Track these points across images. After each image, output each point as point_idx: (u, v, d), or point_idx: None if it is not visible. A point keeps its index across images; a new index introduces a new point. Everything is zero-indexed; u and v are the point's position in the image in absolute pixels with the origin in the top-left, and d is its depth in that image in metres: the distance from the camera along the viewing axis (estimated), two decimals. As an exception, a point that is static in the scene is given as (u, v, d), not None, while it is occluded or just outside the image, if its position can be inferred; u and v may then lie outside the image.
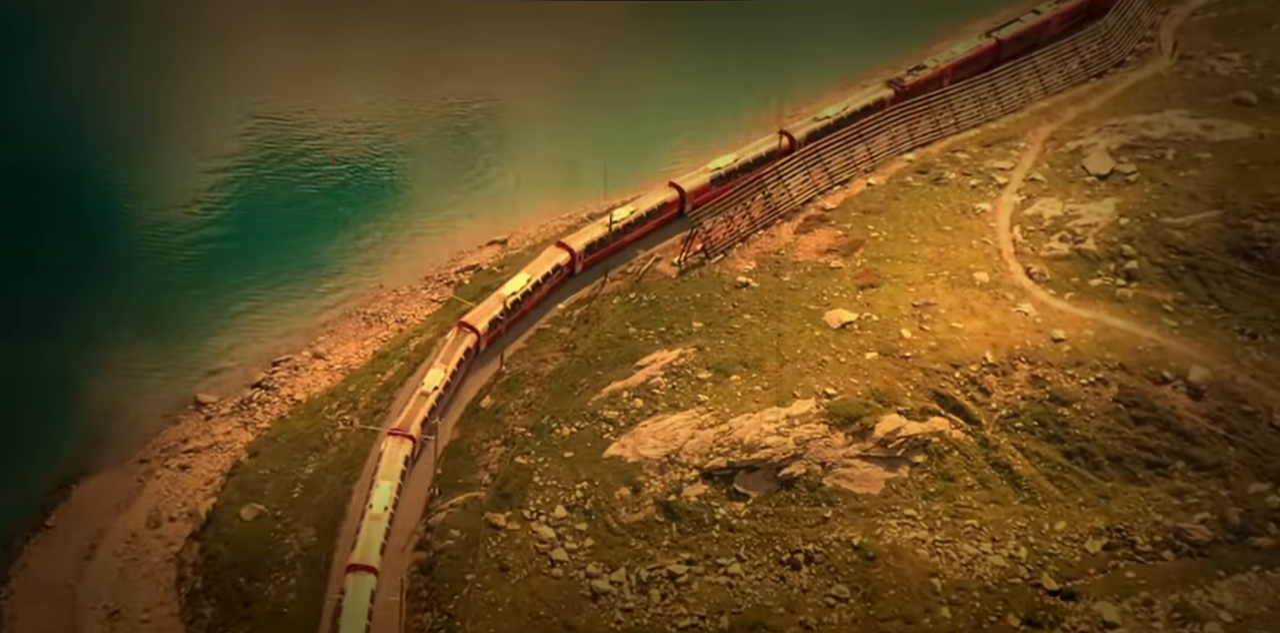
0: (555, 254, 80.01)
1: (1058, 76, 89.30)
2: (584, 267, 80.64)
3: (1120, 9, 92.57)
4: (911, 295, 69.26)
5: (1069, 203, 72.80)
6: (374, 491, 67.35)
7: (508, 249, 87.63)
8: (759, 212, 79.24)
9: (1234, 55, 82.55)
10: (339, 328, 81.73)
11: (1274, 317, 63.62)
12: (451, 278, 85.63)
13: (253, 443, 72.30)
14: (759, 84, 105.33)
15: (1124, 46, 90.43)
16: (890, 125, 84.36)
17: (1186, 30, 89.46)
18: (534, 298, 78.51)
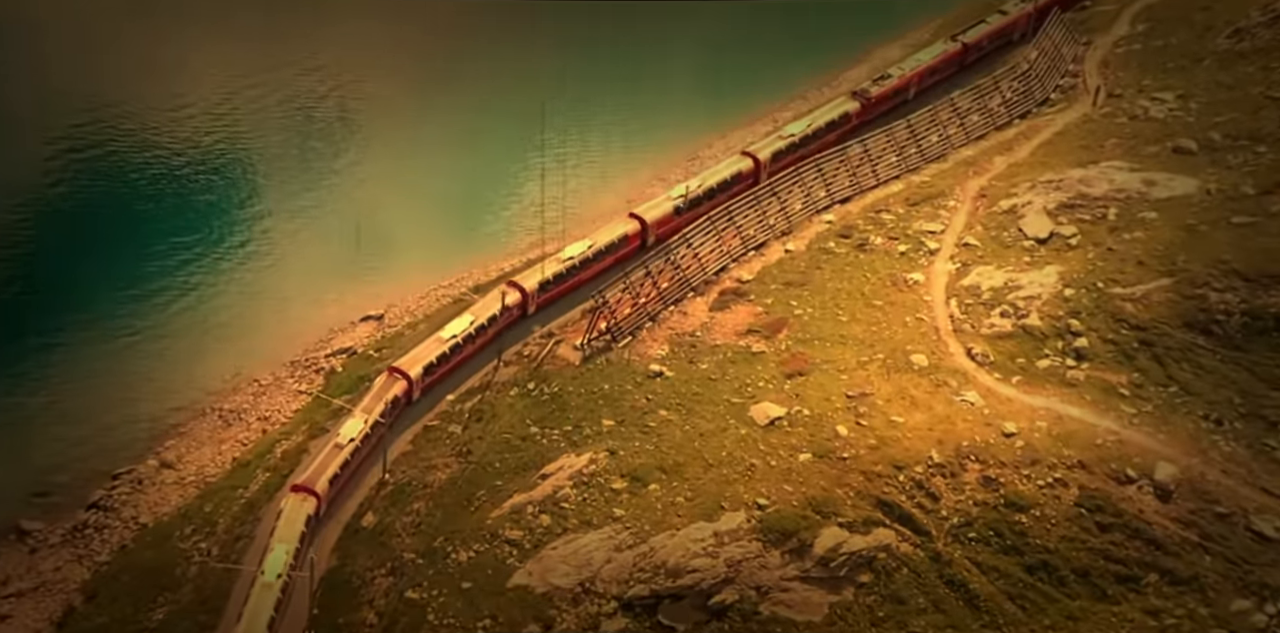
0: (504, 293, 75.33)
1: (979, 118, 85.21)
2: (538, 307, 76.14)
3: (1040, 43, 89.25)
4: (844, 384, 64.22)
5: (1008, 271, 68.52)
6: (268, 555, 60.78)
7: (385, 326, 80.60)
8: (667, 283, 73.75)
9: (1166, 95, 79.36)
10: (191, 429, 73.60)
11: (1239, 400, 60.02)
12: (321, 363, 77.95)
13: (89, 582, 64.15)
14: (690, 93, 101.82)
15: (1047, 83, 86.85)
16: (805, 179, 79.83)
17: (1111, 64, 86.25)
18: (479, 342, 73.55)
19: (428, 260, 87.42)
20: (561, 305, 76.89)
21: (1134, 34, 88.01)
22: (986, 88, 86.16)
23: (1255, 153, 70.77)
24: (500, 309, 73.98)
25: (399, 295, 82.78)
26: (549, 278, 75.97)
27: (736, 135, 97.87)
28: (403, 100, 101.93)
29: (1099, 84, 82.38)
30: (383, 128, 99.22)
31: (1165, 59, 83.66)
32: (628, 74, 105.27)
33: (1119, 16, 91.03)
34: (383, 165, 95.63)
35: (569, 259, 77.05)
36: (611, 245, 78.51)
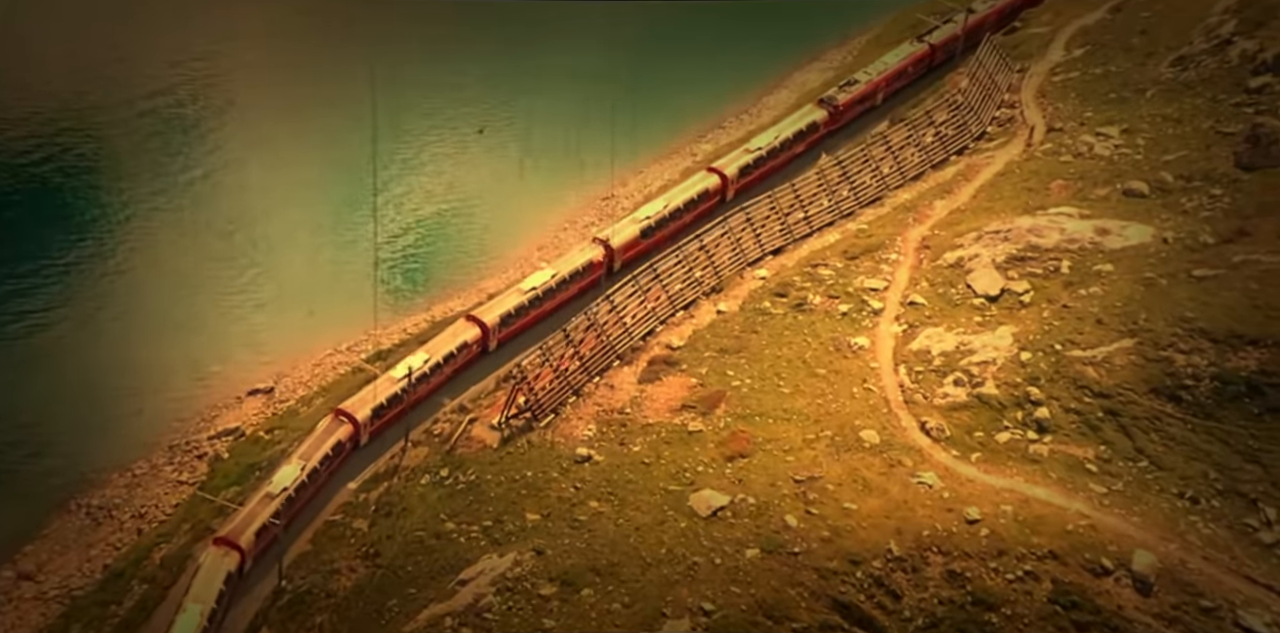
0: (463, 329, 72.02)
1: (914, 155, 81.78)
2: (499, 343, 73.20)
3: (973, 70, 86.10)
4: (791, 466, 60.08)
5: (958, 333, 64.97)
6: (179, 615, 56.90)
7: (275, 402, 74.76)
8: (590, 350, 69.11)
9: (1111, 130, 76.54)
10: (54, 529, 66.83)
11: (1214, 474, 57.10)
12: (204, 448, 71.84)
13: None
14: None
15: (983, 116, 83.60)
16: (733, 228, 75.24)
17: (1049, 94, 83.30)
18: (434, 382, 70.40)
19: (324, 319, 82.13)
20: (479, 371, 72.53)
21: (1070, 60, 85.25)
22: (919, 122, 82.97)
23: (1210, 195, 68.25)
24: (459, 346, 71.07)
25: (290, 363, 77.01)
26: (510, 311, 72.97)
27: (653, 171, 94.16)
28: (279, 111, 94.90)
29: (1032, 126, 79.52)
30: (266, 149, 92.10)
31: (1106, 88, 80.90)
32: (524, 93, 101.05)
33: (1053, 40, 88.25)
34: (260, 198, 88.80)
35: (530, 290, 74.03)
36: (576, 273, 75.93)
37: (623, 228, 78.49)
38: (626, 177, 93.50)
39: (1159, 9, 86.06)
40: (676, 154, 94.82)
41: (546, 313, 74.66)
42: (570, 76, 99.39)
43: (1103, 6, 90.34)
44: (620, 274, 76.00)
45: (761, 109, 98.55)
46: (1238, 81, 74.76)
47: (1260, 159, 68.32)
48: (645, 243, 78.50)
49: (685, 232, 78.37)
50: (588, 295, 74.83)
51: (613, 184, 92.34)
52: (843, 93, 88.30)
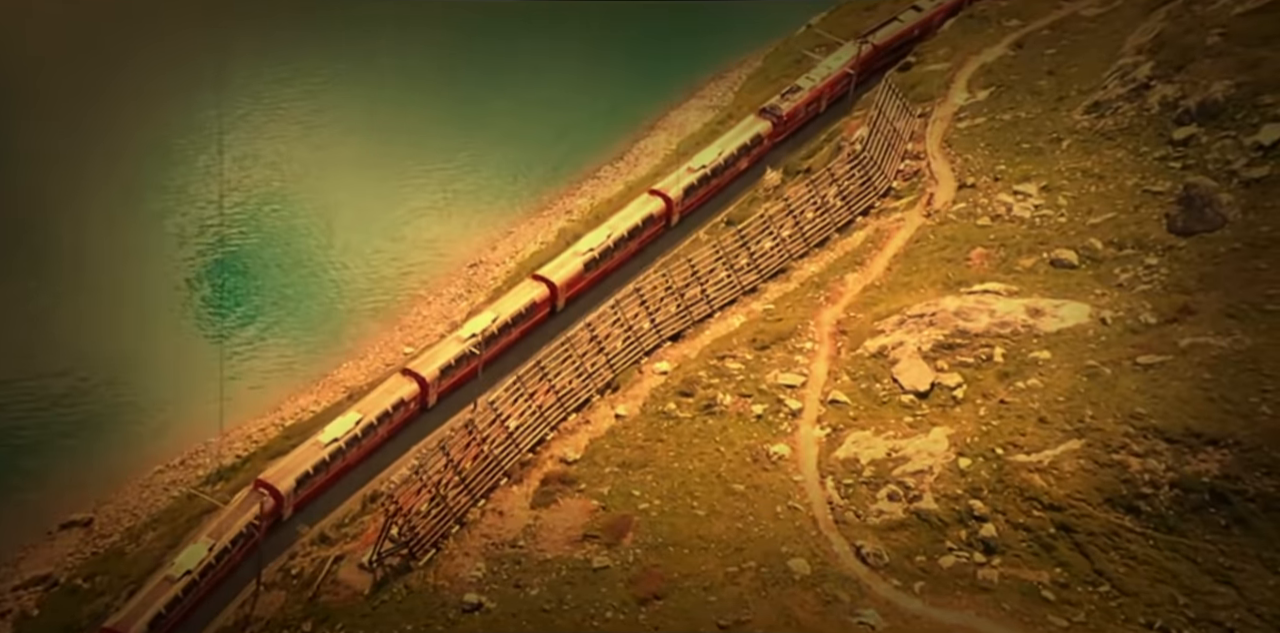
0: (399, 385, 68.18)
1: (815, 216, 76.63)
2: (438, 397, 69.67)
3: (872, 119, 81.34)
4: (714, 609, 53.95)
5: (888, 437, 59.86)
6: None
7: (96, 537, 66.30)
8: (471, 465, 62.31)
9: (1029, 187, 72.38)
10: None
11: (1184, 599, 52.67)
12: (7, 601, 62.30)
13: None
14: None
15: (887, 169, 78.74)
16: (625, 310, 68.91)
17: (955, 144, 78.84)
18: (365, 446, 66.58)
19: (153, 424, 73.51)
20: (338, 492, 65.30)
21: (975, 104, 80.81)
22: (820, 178, 77.90)
23: (1146, 266, 64.39)
24: (394, 404, 67.24)
25: (111, 486, 68.43)
26: (451, 362, 69.51)
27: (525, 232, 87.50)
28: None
29: (930, 194, 74.40)
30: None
31: (1017, 137, 76.44)
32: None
33: (953, 80, 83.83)
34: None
35: (471, 337, 70.48)
36: (518, 316, 72.49)
37: (566, 261, 75.72)
38: (495, 239, 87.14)
39: (1064, 46, 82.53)
40: (549, 211, 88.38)
41: (488, 361, 71.42)
42: (421, 131, 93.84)
43: (1002, 41, 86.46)
44: (566, 313, 74.44)
45: (638, 155, 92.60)
46: (1161, 131, 71.19)
47: (1195, 223, 64.79)
48: (590, 276, 76.20)
49: (631, 261, 77.46)
50: (533, 338, 72.88)
51: (479, 249, 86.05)
52: (786, 101, 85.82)
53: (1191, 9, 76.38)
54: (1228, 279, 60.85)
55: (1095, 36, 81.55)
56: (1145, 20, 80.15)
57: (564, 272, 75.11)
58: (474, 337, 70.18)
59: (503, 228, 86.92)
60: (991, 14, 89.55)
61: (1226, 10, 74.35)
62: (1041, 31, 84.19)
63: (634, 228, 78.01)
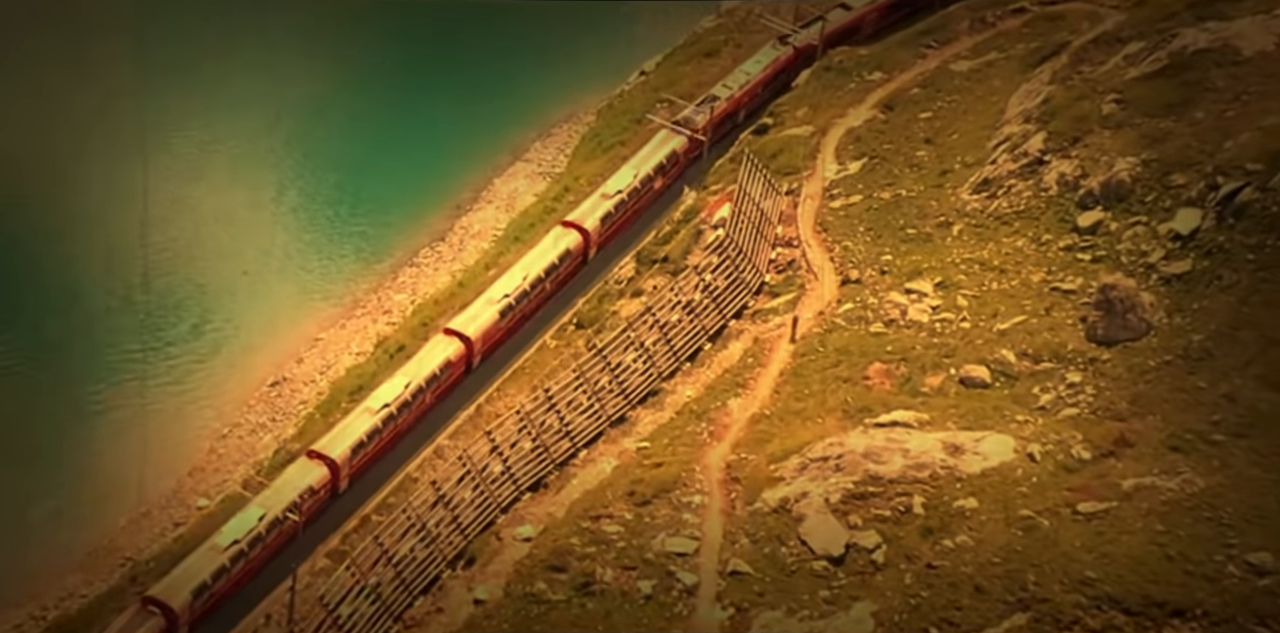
0: (307, 468, 63.14)
1: (681, 322, 68.47)
2: (349, 480, 64.74)
3: (734, 199, 74.40)
4: None
5: (804, 618, 52.12)
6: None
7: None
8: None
9: (923, 284, 66.21)
10: None
11: None
12: None
13: None
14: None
15: (757, 260, 71.54)
16: (470, 450, 60.73)
17: (831, 228, 72.11)
18: (258, 554, 61.23)
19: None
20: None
21: (848, 177, 74.37)
22: (681, 273, 70.41)
23: (1069, 384, 58.71)
24: (303, 492, 61.91)
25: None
26: (362, 438, 64.60)
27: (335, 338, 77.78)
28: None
29: (796, 317, 65.94)
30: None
31: (900, 220, 70.04)
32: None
33: (819, 149, 76.89)
34: None
35: (383, 408, 65.74)
36: (433, 378, 68.06)
37: (480, 310, 71.10)
38: (298, 349, 77.26)
39: (939, 109, 76.79)
40: (362, 310, 78.36)
41: (403, 432, 67.02)
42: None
43: (867, 100, 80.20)
44: (482, 370, 70.63)
45: (462, 236, 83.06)
46: (1063, 216, 65.77)
47: (1118, 331, 59.58)
48: (507, 325, 72.03)
49: (548, 303, 74.19)
50: (449, 402, 69.19)
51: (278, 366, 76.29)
52: (701, 114, 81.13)
53: (1079, 70, 71.50)
54: (1164, 401, 55.67)
55: (972, 97, 76.03)
56: (1026, 79, 75.05)
57: (479, 323, 70.28)
58: (385, 407, 65.69)
59: (308, 334, 77.71)
60: (850, 65, 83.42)
61: (1119, 73, 69.61)
62: (911, 90, 78.26)
63: (550, 267, 73.50)
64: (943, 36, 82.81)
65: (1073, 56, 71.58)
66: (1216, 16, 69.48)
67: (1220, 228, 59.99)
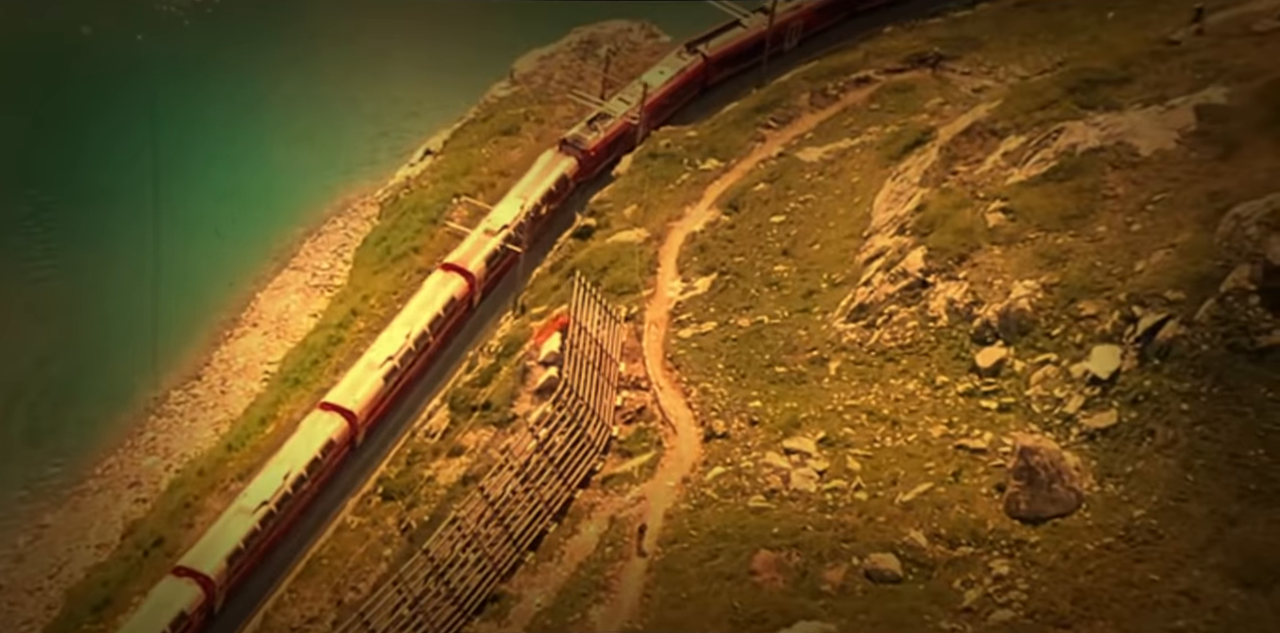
0: (179, 588, 59.19)
1: (517, 496, 58.92)
2: (226, 598, 61.22)
3: (569, 330, 65.38)
4: None
5: None
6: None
7: None
8: None
9: (803, 441, 57.71)
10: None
11: None
12: None
13: None
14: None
15: (601, 409, 62.35)
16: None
17: (685, 364, 63.03)
18: None
19: None
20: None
21: (696, 298, 65.75)
22: (511, 429, 61.73)
23: (995, 577, 49.04)
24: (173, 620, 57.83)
25: None
26: (239, 546, 60.79)
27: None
28: None
29: (643, 526, 57.23)
30: None
31: (767, 355, 61.72)
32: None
33: (658, 260, 68.59)
34: None
35: (260, 505, 62.15)
36: (314, 465, 64.01)
37: (362, 375, 67.34)
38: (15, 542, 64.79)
39: (793, 210, 69.65)
40: (96, 481, 66.54)
41: (283, 533, 63.69)
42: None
43: (706, 196, 72.48)
44: (366, 446, 67.00)
45: (225, 374, 71.96)
46: (958, 352, 58.83)
47: (1044, 504, 52.88)
48: (392, 391, 68.67)
49: (435, 360, 71.35)
50: (336, 488, 65.81)
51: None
52: (593, 132, 78.13)
53: (953, 169, 65.35)
54: (1113, 600, 48.87)
55: (829, 196, 69.12)
56: (889, 174, 68.94)
57: (361, 393, 66.39)
58: (263, 505, 62.07)
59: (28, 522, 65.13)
60: (679, 150, 75.50)
61: (1001, 174, 63.62)
62: (755, 185, 70.89)
63: (435, 320, 69.89)
64: (781, 113, 76.27)
65: (943, 152, 65.39)
66: (1101, 104, 64.77)
67: (1144, 370, 54.40)
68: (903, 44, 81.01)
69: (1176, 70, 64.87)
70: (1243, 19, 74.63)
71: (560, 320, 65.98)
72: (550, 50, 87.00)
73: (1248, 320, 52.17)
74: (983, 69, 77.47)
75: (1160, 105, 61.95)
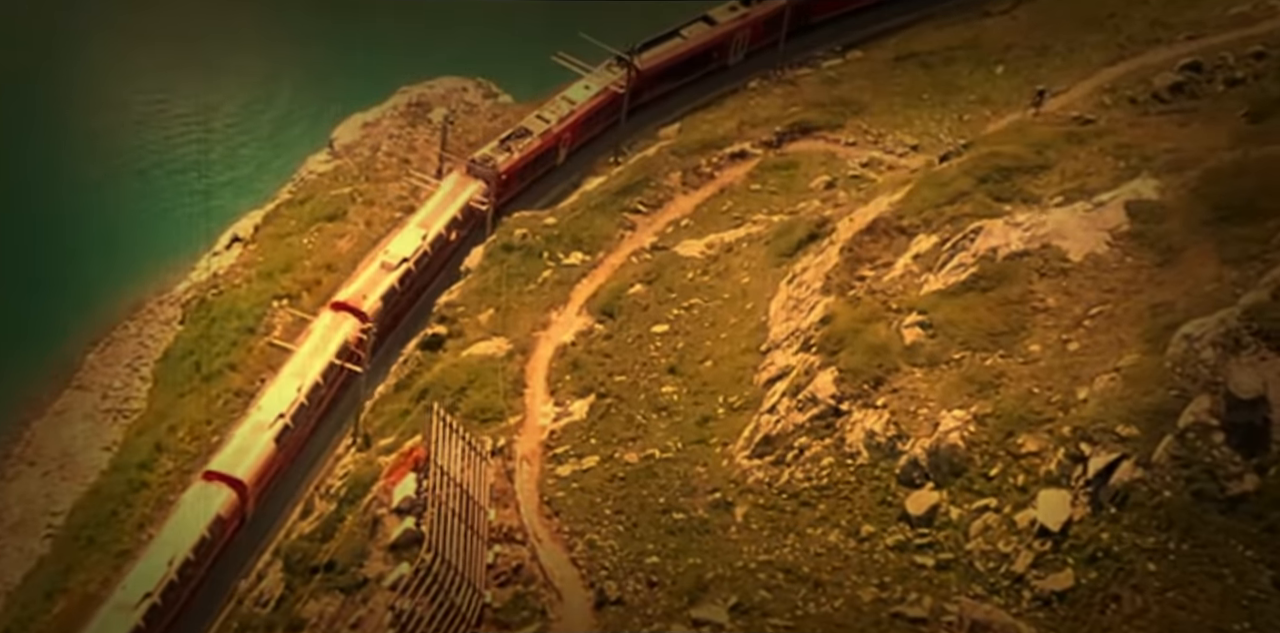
0: None
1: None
2: None
3: (428, 472, 58.36)
4: None
5: None
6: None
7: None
8: None
9: (714, 609, 49.60)
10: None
11: None
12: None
13: None
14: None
15: (470, 571, 54.97)
16: None
17: (565, 511, 55.38)
18: None
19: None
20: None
21: (573, 425, 58.50)
22: (362, 602, 54.66)
23: None
24: None
25: None
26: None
27: None
28: None
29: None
30: None
31: (663, 498, 54.60)
32: None
33: (525, 380, 62.18)
34: None
35: (144, 599, 57.38)
36: (201, 546, 60.06)
37: (246, 443, 63.08)
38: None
39: (676, 318, 62.67)
40: None
41: (169, 627, 59.54)
42: None
43: (574, 299, 66.33)
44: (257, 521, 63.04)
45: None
46: (884, 497, 51.73)
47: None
48: (283, 453, 64.53)
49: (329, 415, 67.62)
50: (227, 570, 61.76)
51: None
52: (505, 152, 74.27)
53: (859, 273, 60.30)
54: None
55: (717, 300, 63.20)
56: (784, 275, 63.78)
57: (251, 459, 62.34)
58: (147, 597, 57.77)
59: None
60: (538, 242, 69.14)
61: (914, 282, 58.87)
62: (630, 286, 65.11)
63: (327, 369, 65.45)
64: (651, 196, 70.58)
65: (845, 253, 60.76)
66: (1018, 197, 60.65)
67: (1100, 520, 49.79)
68: (776, 108, 76.22)
69: (1096, 156, 61.26)
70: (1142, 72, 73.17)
71: (414, 455, 59.21)
72: (374, 115, 79.57)
73: (1213, 462, 48.28)
74: (869, 138, 73.20)
75: (1086, 201, 57.92)
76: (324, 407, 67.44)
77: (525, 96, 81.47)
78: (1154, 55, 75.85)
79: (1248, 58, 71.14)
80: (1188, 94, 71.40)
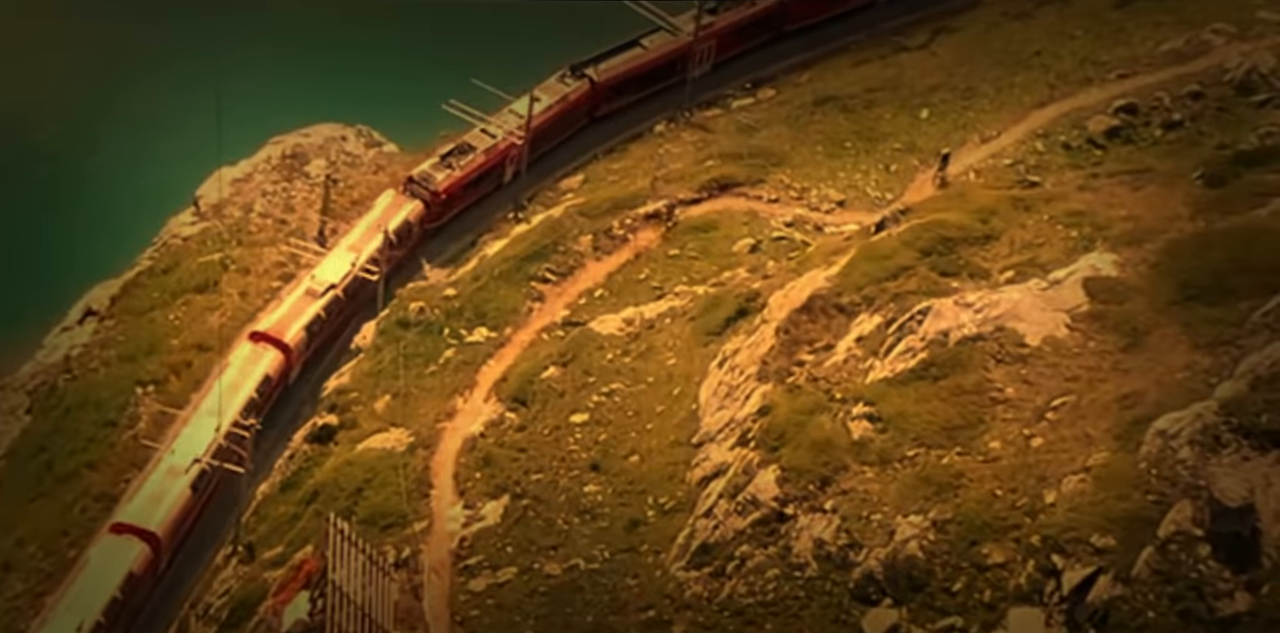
0: None
1: None
2: None
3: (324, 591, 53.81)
4: None
5: None
6: None
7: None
8: None
9: None
10: None
11: None
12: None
13: None
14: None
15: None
16: None
17: (483, 630, 54.14)
18: None
19: None
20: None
21: (487, 532, 54.10)
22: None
23: None
24: None
25: None
26: None
27: None
28: None
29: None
30: None
31: (590, 616, 49.85)
32: None
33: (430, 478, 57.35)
34: None
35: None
36: (114, 606, 56.45)
37: (158, 492, 60.10)
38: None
39: (596, 405, 58.02)
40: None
41: None
42: None
43: (481, 383, 62.00)
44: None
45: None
46: (838, 615, 48.13)
47: None
48: (200, 501, 62.46)
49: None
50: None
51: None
52: (445, 170, 72.60)
53: (797, 357, 56.81)
54: None
55: (640, 384, 58.92)
56: (712, 356, 60.32)
57: (164, 510, 59.53)
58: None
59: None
60: (437, 316, 64.76)
61: (859, 368, 55.11)
62: (544, 368, 61.33)
63: (249, 404, 62.88)
64: (560, 261, 66.41)
65: (781, 334, 57.36)
66: (965, 271, 57.99)
67: (1079, 644, 48.27)
68: (690, 160, 72.67)
69: (1045, 225, 58.55)
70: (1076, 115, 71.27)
71: (306, 570, 54.62)
72: (244, 169, 74.11)
73: (1200, 578, 45.50)
74: (791, 193, 69.95)
75: (1041, 277, 55.23)
76: (245, 435, 62.56)
77: (413, 145, 76.76)
78: (1085, 96, 73.79)
79: (1184, 98, 69.61)
80: (1123, 139, 69.99)
